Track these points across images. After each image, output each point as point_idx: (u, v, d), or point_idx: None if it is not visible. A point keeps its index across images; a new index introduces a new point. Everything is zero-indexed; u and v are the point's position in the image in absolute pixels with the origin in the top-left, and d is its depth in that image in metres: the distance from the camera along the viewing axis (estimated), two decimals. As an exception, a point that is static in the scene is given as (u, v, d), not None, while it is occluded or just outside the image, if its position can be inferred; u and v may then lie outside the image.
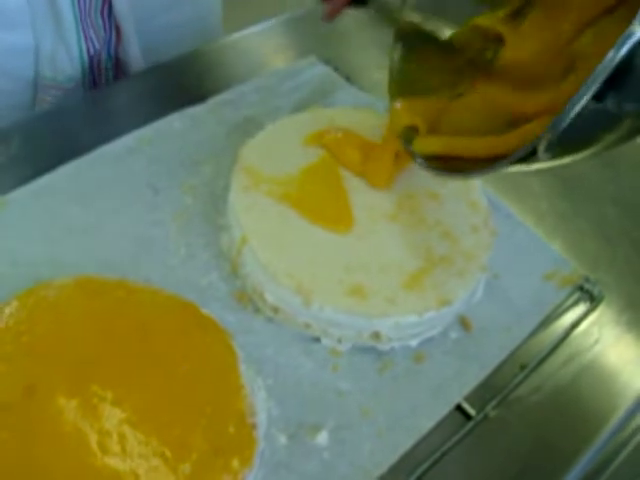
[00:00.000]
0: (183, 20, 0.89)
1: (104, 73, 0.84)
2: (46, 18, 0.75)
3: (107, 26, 0.81)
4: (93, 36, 0.80)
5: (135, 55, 0.83)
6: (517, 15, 0.58)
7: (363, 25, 0.92)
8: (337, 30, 0.92)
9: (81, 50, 0.80)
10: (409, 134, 0.59)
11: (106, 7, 0.79)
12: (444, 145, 0.56)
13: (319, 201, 0.62)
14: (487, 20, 0.60)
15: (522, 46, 0.56)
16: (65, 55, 0.79)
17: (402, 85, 0.62)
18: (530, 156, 0.44)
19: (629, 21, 0.37)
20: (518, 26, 0.57)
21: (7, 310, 0.53)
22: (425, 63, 0.62)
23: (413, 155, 0.57)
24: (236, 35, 0.88)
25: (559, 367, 0.64)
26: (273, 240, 0.59)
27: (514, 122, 0.51)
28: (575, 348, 0.65)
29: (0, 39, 0.76)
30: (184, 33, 0.89)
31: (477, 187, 0.68)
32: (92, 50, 0.81)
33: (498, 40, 0.59)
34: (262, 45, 0.89)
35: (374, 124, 0.68)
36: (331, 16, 0.60)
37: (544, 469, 0.58)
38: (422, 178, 0.66)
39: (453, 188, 0.67)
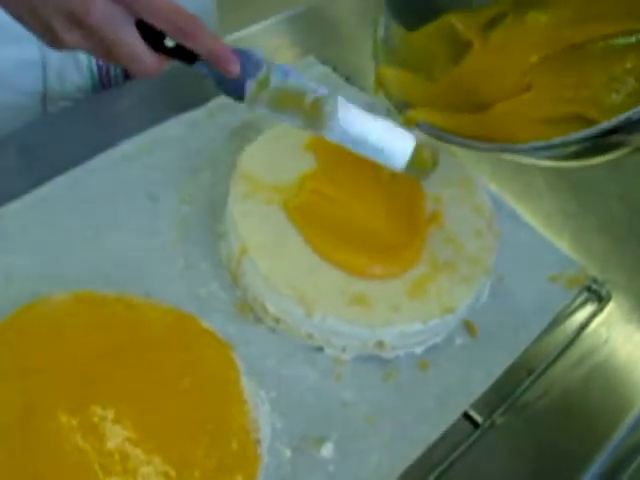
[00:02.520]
0: None
1: (113, 80, 0.83)
2: None
3: None
4: None
5: None
6: (492, 24, 0.59)
7: (362, 25, 0.91)
8: (336, 30, 0.91)
9: (90, 60, 0.79)
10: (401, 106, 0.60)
11: None
12: (443, 119, 0.58)
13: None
14: (462, 23, 0.60)
15: (485, 58, 0.57)
16: (74, 67, 0.78)
17: (389, 54, 0.62)
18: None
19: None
20: (488, 37, 0.59)
21: (4, 327, 0.53)
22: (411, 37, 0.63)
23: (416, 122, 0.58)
24: (233, 36, 0.87)
25: (567, 370, 0.63)
26: (273, 249, 0.58)
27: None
28: (584, 350, 0.64)
29: (7, 54, 0.75)
30: None
31: (480, 190, 0.67)
32: (100, 60, 0.80)
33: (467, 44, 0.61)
34: (260, 46, 0.88)
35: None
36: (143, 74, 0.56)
37: (554, 475, 0.58)
38: (424, 182, 0.64)
39: (456, 191, 0.66)
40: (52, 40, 0.51)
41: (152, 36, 0.50)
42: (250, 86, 0.53)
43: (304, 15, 0.91)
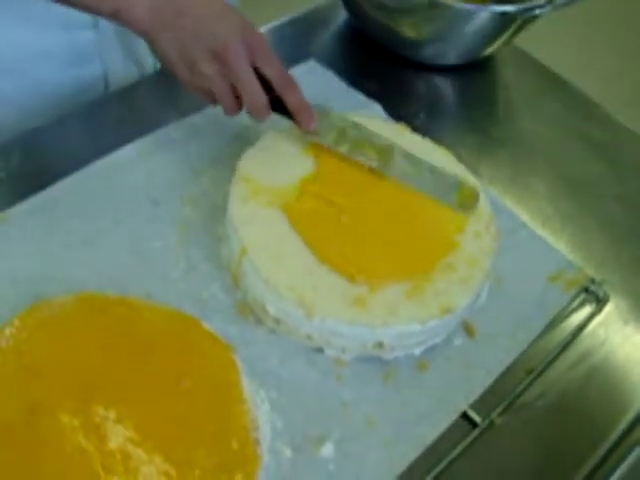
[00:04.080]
0: None
1: None
2: (115, 45, 0.78)
3: None
4: None
5: None
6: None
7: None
8: (336, 34, 0.91)
9: (155, 64, 0.83)
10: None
11: None
12: None
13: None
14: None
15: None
16: (137, 74, 0.82)
17: None
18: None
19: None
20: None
21: (8, 330, 0.53)
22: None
23: None
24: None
25: (566, 371, 0.63)
26: (273, 252, 0.59)
27: None
28: (582, 351, 0.65)
29: (71, 76, 0.78)
30: None
31: (479, 191, 0.67)
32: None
33: None
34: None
35: (373, 128, 0.67)
36: (233, 111, 0.63)
37: (552, 474, 0.58)
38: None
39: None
40: (191, 72, 0.61)
41: None
42: (327, 141, 0.65)
43: (304, 19, 0.92)
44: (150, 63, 0.82)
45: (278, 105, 0.63)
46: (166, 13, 0.60)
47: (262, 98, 0.61)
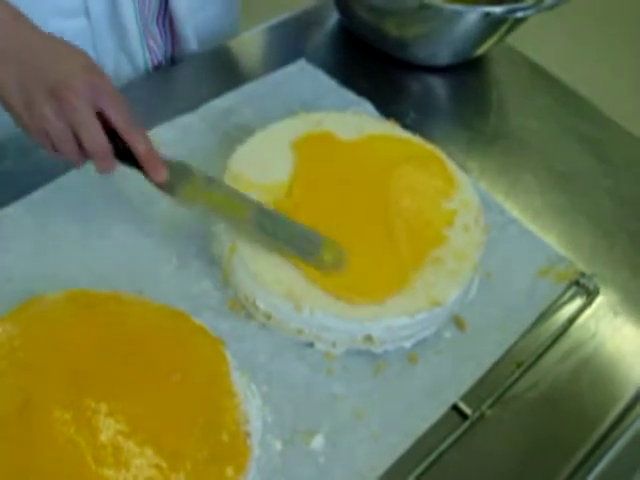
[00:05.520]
0: (213, 15, 0.89)
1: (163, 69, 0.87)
2: (108, 35, 0.78)
3: (162, 34, 0.84)
4: (154, 46, 0.83)
5: (184, 58, 0.86)
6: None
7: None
8: (328, 35, 0.92)
9: (146, 62, 0.83)
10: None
11: (161, 15, 0.81)
12: None
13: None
14: None
15: None
16: (130, 68, 0.82)
17: None
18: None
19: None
20: None
21: (1, 326, 0.54)
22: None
23: None
24: (225, 42, 0.88)
25: (556, 363, 0.64)
26: (262, 248, 0.59)
27: None
28: (572, 343, 0.65)
29: None
30: (213, 27, 0.90)
31: (468, 185, 0.68)
32: (156, 60, 0.84)
33: None
34: (252, 51, 0.89)
35: (361, 126, 0.68)
36: (74, 158, 0.58)
37: (543, 465, 0.58)
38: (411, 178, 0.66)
39: (444, 187, 0.67)
40: (29, 112, 0.55)
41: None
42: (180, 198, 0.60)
43: (294, 20, 0.92)
44: (141, 58, 0.82)
45: (127, 155, 0.58)
46: (9, 46, 0.56)
47: (103, 141, 0.56)
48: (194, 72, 0.84)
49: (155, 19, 0.81)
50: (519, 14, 0.78)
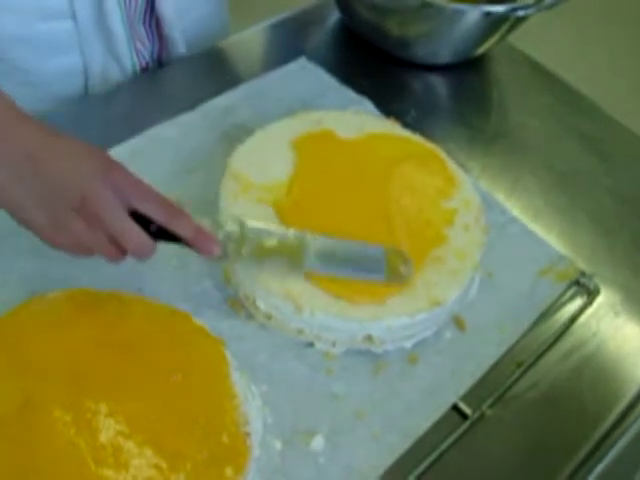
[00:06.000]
0: (201, 16, 0.89)
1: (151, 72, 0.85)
2: (94, 38, 0.77)
3: (150, 36, 0.83)
4: (141, 48, 0.82)
5: (182, 56, 0.85)
6: None
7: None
8: (328, 33, 0.92)
9: (134, 64, 0.82)
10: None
11: (148, 16, 0.80)
12: None
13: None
14: None
15: None
16: (118, 71, 0.81)
17: None
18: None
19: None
20: None
21: (2, 325, 0.54)
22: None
23: None
24: (226, 40, 0.88)
25: (557, 362, 0.64)
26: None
27: None
28: (573, 343, 0.65)
29: (50, 65, 0.77)
30: (202, 30, 0.89)
31: (469, 184, 0.68)
32: (143, 62, 0.83)
33: None
34: (252, 49, 0.89)
35: (361, 124, 0.68)
36: (116, 259, 0.55)
37: (544, 465, 0.58)
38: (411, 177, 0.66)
39: (445, 186, 0.67)
40: (56, 231, 0.53)
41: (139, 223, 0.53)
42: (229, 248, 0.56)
43: (295, 18, 0.92)
44: (129, 61, 0.81)
45: (165, 233, 0.54)
46: (21, 158, 0.52)
47: (145, 240, 0.53)
48: (192, 71, 0.84)
49: (142, 20, 0.80)
50: (520, 13, 0.78)
